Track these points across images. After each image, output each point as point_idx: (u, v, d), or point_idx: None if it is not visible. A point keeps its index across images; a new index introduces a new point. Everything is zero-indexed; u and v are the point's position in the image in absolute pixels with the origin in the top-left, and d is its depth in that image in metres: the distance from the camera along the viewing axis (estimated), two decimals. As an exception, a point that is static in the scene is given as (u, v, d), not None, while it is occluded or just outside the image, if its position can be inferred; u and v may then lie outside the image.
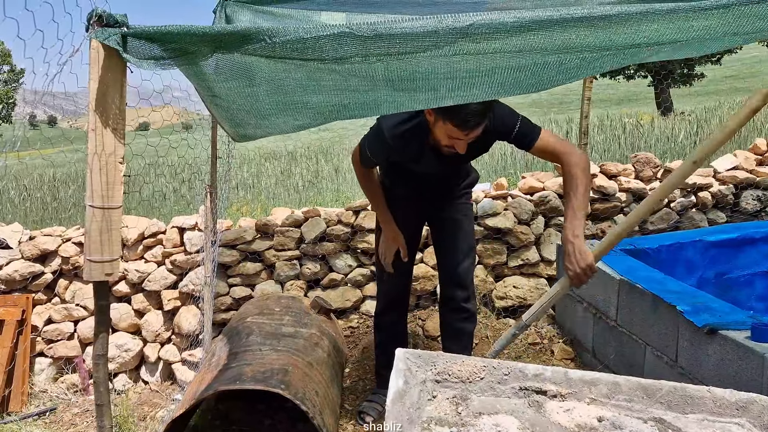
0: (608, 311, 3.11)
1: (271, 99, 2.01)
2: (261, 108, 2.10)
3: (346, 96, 1.90)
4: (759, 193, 4.24)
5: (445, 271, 2.94)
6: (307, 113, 2.10)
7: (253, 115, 2.36)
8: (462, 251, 2.88)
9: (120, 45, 1.50)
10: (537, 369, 1.82)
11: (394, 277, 2.93)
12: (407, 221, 2.89)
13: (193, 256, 3.70)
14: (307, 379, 2.62)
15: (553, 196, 4.04)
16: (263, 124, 2.32)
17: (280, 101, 2.01)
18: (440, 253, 2.98)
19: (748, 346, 2.11)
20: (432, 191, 2.84)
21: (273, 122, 2.35)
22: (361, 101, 1.94)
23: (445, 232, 2.92)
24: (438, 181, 2.80)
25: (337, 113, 2.10)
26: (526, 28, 1.41)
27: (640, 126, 8.80)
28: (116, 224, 1.64)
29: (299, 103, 2.00)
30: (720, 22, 1.52)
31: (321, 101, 1.97)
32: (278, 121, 2.32)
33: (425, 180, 2.78)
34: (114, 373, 3.72)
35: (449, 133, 2.27)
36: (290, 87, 1.84)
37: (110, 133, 1.59)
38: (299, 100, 1.97)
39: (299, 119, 2.21)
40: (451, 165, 2.70)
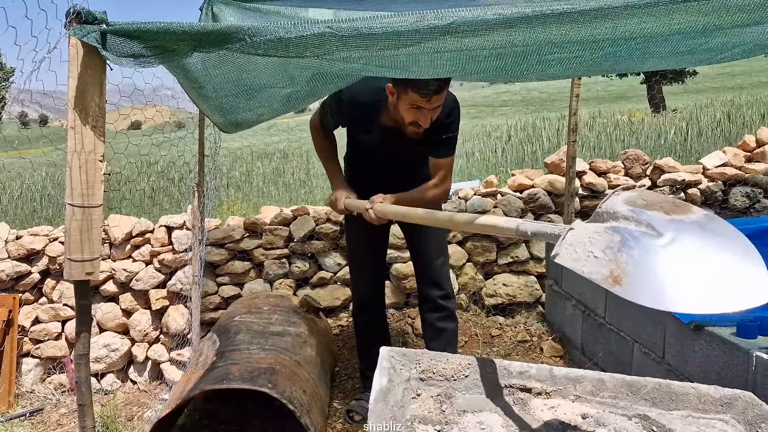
0: (597, 308, 3.11)
1: (257, 75, 2.01)
2: (250, 82, 2.10)
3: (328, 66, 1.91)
4: (748, 189, 4.25)
5: (419, 272, 2.96)
6: (292, 84, 2.11)
7: (242, 97, 2.36)
8: (433, 251, 2.89)
9: (99, 42, 1.48)
10: (522, 367, 1.82)
11: (365, 278, 2.96)
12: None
13: (182, 255, 3.68)
14: (295, 378, 2.61)
15: (542, 193, 4.04)
16: (253, 105, 2.32)
17: (265, 78, 2.02)
18: (413, 255, 3.02)
19: (733, 343, 2.12)
20: (392, 187, 2.77)
21: (262, 98, 2.35)
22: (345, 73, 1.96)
23: (414, 234, 2.94)
24: (398, 174, 2.78)
25: (323, 84, 2.11)
26: (507, 24, 1.40)
27: (631, 123, 8.82)
28: (96, 223, 1.63)
29: (286, 78, 2.01)
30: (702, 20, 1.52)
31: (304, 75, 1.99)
32: (266, 95, 2.33)
33: (385, 171, 2.77)
34: (102, 374, 3.70)
35: (412, 102, 2.29)
36: (275, 66, 1.85)
37: (90, 131, 1.57)
38: (285, 75, 1.97)
39: (287, 87, 2.22)
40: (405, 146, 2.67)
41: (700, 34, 1.81)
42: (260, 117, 2.89)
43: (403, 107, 2.35)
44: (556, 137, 8.18)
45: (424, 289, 2.94)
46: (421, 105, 2.29)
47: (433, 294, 2.90)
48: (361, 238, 2.97)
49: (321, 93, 2.60)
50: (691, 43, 2.03)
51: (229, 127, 3.01)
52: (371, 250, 3.00)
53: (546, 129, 9.23)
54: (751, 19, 1.55)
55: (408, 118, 2.37)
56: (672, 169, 4.25)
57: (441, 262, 2.92)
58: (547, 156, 4.45)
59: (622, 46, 1.85)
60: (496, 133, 9.45)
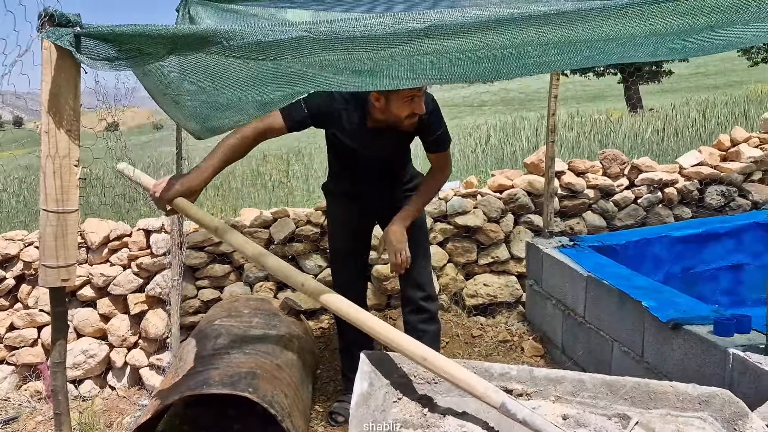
0: (576, 308, 3.14)
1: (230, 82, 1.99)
2: (222, 95, 2.08)
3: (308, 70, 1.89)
4: (723, 188, 4.32)
5: (403, 277, 2.94)
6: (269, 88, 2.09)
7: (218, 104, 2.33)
8: (415, 253, 2.84)
9: (73, 45, 1.45)
10: (503, 368, 1.82)
11: (346, 280, 2.96)
12: (349, 222, 2.92)
13: (160, 258, 3.64)
14: (276, 381, 2.59)
15: (522, 193, 4.06)
16: (228, 113, 2.30)
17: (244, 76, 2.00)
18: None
19: (711, 341, 2.15)
20: (377, 191, 2.83)
21: (239, 105, 2.33)
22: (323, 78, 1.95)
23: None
24: (378, 176, 2.80)
25: (302, 84, 2.10)
26: (485, 26, 1.40)
27: (609, 123, 8.91)
28: (72, 228, 1.60)
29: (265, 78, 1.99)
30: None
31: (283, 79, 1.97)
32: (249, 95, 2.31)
33: (369, 174, 2.78)
34: (80, 380, 3.64)
35: (405, 96, 2.36)
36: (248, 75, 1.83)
37: (64, 135, 1.54)
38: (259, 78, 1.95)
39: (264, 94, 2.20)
40: (389, 147, 2.73)
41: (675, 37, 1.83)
42: (237, 123, 2.85)
43: (396, 105, 2.41)
44: (535, 137, 8.24)
45: (406, 291, 2.94)
46: (414, 94, 2.36)
47: (415, 296, 2.90)
48: (342, 240, 2.97)
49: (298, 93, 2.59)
50: (669, 46, 2.05)
51: (205, 132, 2.97)
52: (353, 251, 3.00)
53: (525, 129, 9.29)
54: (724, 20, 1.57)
55: (404, 112, 2.42)
56: (649, 169, 4.30)
57: (423, 264, 2.92)
58: (527, 156, 4.48)
59: (600, 48, 1.86)
60: (476, 134, 9.50)
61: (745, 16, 1.56)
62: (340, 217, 2.95)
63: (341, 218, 2.94)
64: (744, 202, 4.34)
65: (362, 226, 3.01)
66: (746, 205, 4.32)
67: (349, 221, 2.92)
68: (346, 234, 2.95)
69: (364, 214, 2.95)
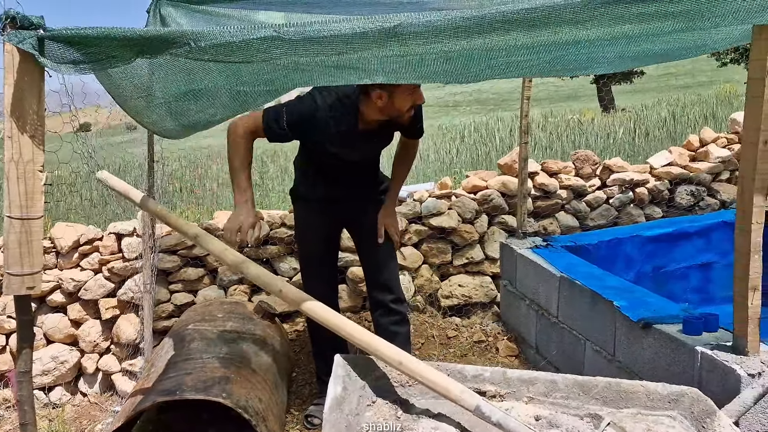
0: (550, 308, 3.16)
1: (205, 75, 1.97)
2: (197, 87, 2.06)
3: (278, 73, 1.89)
4: (692, 188, 4.39)
5: (370, 277, 2.98)
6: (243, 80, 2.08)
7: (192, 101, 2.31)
8: (383, 256, 2.91)
9: (36, 49, 1.42)
10: (476, 370, 1.83)
11: (318, 283, 2.94)
12: (323, 227, 2.91)
13: (132, 262, 3.59)
14: (250, 386, 2.57)
15: (496, 194, 4.09)
16: (203, 104, 2.28)
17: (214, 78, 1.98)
18: (363, 260, 3.04)
19: (680, 339, 2.18)
20: (346, 193, 2.84)
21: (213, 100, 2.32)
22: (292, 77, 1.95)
23: (364, 239, 2.95)
24: (352, 181, 2.82)
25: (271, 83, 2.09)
26: (453, 27, 1.41)
27: (581, 123, 9.01)
28: (37, 235, 1.57)
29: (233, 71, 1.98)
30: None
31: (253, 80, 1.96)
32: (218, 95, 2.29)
33: (348, 178, 2.80)
34: (50, 387, 3.57)
35: (409, 89, 2.43)
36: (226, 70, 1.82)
37: (28, 140, 1.51)
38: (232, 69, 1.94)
39: (239, 85, 2.19)
40: (376, 147, 2.81)
41: (641, 39, 1.86)
42: (213, 116, 2.82)
43: (399, 99, 2.46)
44: (509, 138, 8.30)
45: (375, 294, 2.96)
46: (415, 86, 2.45)
47: (385, 298, 2.91)
48: (315, 245, 2.96)
49: (277, 93, 2.58)
50: (636, 49, 2.08)
51: (182, 130, 2.94)
52: (325, 256, 2.99)
53: (499, 130, 9.35)
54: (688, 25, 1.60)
55: (406, 105, 2.49)
56: (621, 169, 4.35)
57: (391, 267, 2.94)
58: (501, 157, 4.51)
59: (569, 49, 1.88)
60: (450, 134, 9.53)
61: (709, 19, 1.59)
62: (313, 222, 2.93)
63: (314, 224, 2.92)
64: (713, 201, 4.42)
65: (334, 230, 3.01)
66: (715, 205, 4.40)
67: (322, 226, 2.91)
68: (319, 239, 2.94)
69: (338, 219, 2.95)
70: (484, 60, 1.88)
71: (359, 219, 2.91)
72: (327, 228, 2.93)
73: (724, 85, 12.41)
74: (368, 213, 2.89)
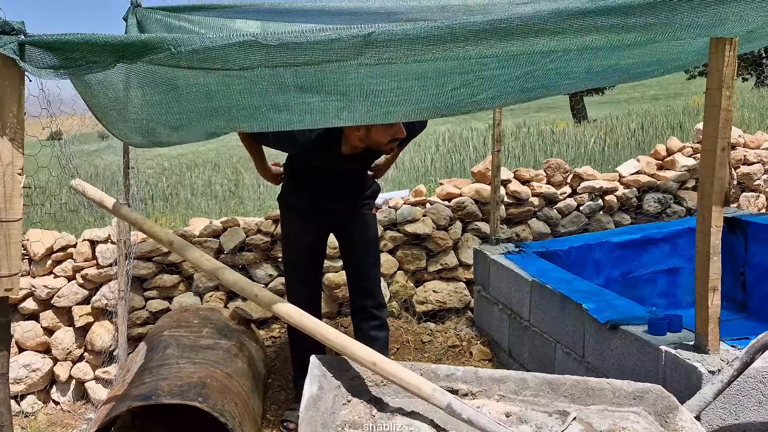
0: (522, 312, 3.23)
1: (180, 107, 1.99)
2: (171, 119, 2.08)
3: (256, 99, 1.91)
4: (660, 195, 4.51)
5: (353, 282, 3.04)
6: (217, 120, 2.10)
7: (164, 125, 2.31)
8: (367, 262, 2.98)
9: (17, 54, 1.45)
10: (449, 369, 1.88)
11: (301, 287, 3.00)
12: (308, 235, 2.96)
13: (106, 269, 3.58)
14: (226, 390, 2.59)
15: (469, 202, 4.16)
16: (174, 133, 2.29)
17: (190, 109, 2.00)
18: (347, 265, 3.09)
19: (645, 340, 2.25)
20: (335, 202, 2.89)
21: (185, 131, 2.32)
22: (271, 102, 1.97)
23: (349, 244, 3.01)
24: (341, 189, 2.87)
25: (249, 117, 2.11)
26: (426, 36, 1.46)
27: (553, 133, 9.16)
28: (15, 238, 1.58)
29: (209, 110, 2.00)
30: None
31: (231, 104, 1.98)
32: (191, 129, 2.30)
33: (329, 188, 2.84)
34: (22, 395, 3.54)
35: (385, 126, 2.44)
36: (198, 92, 1.84)
37: (8, 143, 1.53)
38: (209, 106, 1.96)
39: (211, 127, 2.20)
40: (363, 163, 2.84)
41: (608, 52, 1.94)
42: (183, 138, 2.82)
43: (376, 133, 2.48)
44: (482, 147, 8.40)
45: (357, 300, 3.01)
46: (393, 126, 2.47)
47: (366, 304, 2.97)
48: (300, 253, 3.00)
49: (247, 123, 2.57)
50: (604, 63, 2.16)
51: (149, 145, 2.94)
52: (311, 264, 3.03)
53: (473, 139, 9.46)
54: (650, 37, 1.68)
55: (385, 138, 2.50)
56: (591, 177, 4.46)
57: (375, 273, 3.01)
58: (475, 165, 4.58)
59: (538, 62, 1.95)
60: (425, 143, 9.61)
61: (668, 32, 1.67)
62: (299, 230, 2.96)
63: (300, 232, 2.96)
64: (679, 208, 4.54)
65: (320, 238, 3.05)
66: (681, 212, 4.53)
67: (308, 234, 2.95)
68: (304, 247, 2.98)
69: (325, 226, 3.00)
70: (458, 76, 1.93)
71: (346, 226, 2.97)
72: (313, 236, 2.98)
73: (692, 98, 12.71)
74: (355, 220, 2.95)
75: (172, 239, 2.13)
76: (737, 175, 4.77)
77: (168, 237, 2.15)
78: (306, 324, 1.89)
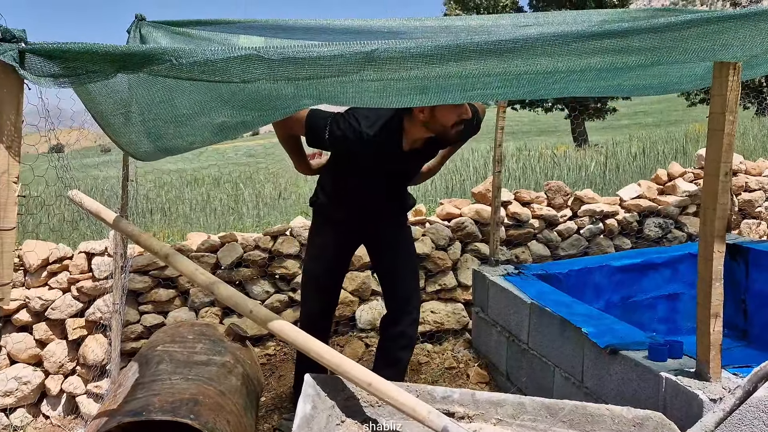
0: (520, 334, 3.19)
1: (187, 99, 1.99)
2: (178, 112, 2.08)
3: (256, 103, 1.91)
4: (660, 220, 4.50)
5: (390, 295, 2.91)
6: (225, 111, 2.09)
7: (172, 124, 2.31)
8: (408, 272, 2.86)
9: (17, 61, 1.44)
10: (445, 392, 1.85)
11: (316, 301, 2.89)
12: (339, 244, 2.87)
13: (102, 282, 3.55)
14: (218, 408, 2.54)
15: (469, 222, 4.14)
16: (183, 132, 2.29)
17: (196, 101, 2.00)
18: (385, 277, 2.95)
19: (645, 365, 2.22)
20: (372, 213, 2.80)
21: (194, 126, 2.33)
22: (272, 106, 1.96)
23: (387, 257, 2.89)
24: (380, 198, 2.77)
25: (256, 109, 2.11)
26: (429, 54, 1.46)
27: (554, 156, 9.19)
28: (8, 247, 1.56)
29: (216, 102, 2.00)
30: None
31: (231, 110, 1.98)
32: (197, 123, 2.30)
33: (369, 197, 2.74)
34: (11, 408, 3.49)
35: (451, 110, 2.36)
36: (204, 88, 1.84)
37: (4, 151, 1.51)
38: (216, 97, 1.96)
39: (219, 117, 2.20)
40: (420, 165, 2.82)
41: (610, 73, 1.93)
42: (191, 144, 2.83)
43: (442, 113, 2.37)
44: (483, 168, 8.42)
45: (393, 315, 2.88)
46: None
47: (404, 320, 2.84)
48: (324, 258, 2.88)
49: (256, 124, 2.58)
50: (606, 83, 2.16)
51: (155, 153, 2.94)
52: (332, 268, 2.92)
53: (474, 160, 9.49)
54: (652, 60, 1.67)
55: (451, 119, 2.39)
56: (591, 201, 4.45)
57: (414, 286, 2.91)
58: (475, 185, 4.58)
59: (540, 82, 1.95)
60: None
61: (672, 56, 1.67)
62: (329, 240, 2.85)
63: (330, 241, 2.85)
64: (680, 234, 4.53)
65: (349, 249, 2.97)
66: (682, 237, 4.51)
67: (338, 243, 2.86)
68: (330, 257, 2.87)
69: (357, 238, 2.92)
70: (460, 92, 1.93)
71: (378, 239, 2.88)
72: (341, 246, 2.89)
73: (693, 125, 12.77)
74: (386, 234, 2.87)
75: (168, 252, 2.11)
76: (738, 202, 4.76)
77: (164, 250, 2.13)
78: (300, 341, 1.86)
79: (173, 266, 2.10)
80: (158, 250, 2.13)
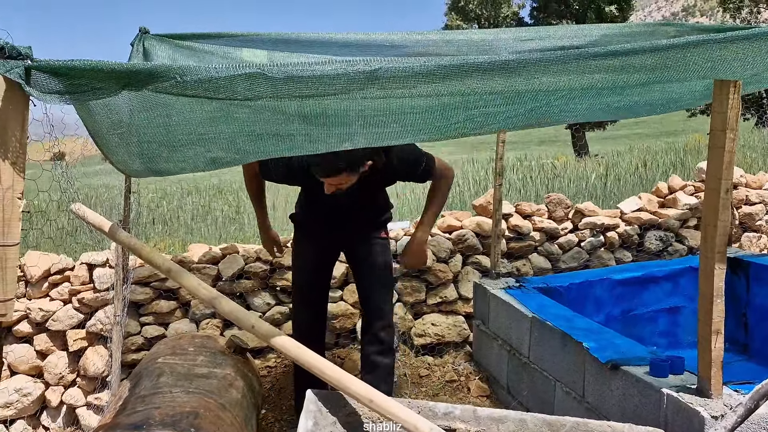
0: (521, 348, 3.19)
1: (183, 129, 1.99)
2: (173, 139, 2.07)
3: (258, 127, 1.91)
4: (661, 233, 4.50)
5: (363, 305, 3.05)
6: (220, 143, 2.10)
7: (165, 147, 2.31)
8: (378, 284, 2.97)
9: (23, 78, 1.45)
10: (447, 408, 1.85)
11: (306, 312, 3.01)
12: (317, 257, 3.00)
13: (103, 294, 3.55)
14: (219, 421, 2.54)
15: (470, 234, 4.14)
16: (175, 157, 2.29)
17: (192, 131, 2.00)
18: (359, 288, 3.08)
19: (647, 381, 2.22)
20: (345, 226, 2.90)
21: (185, 155, 2.32)
22: (273, 131, 1.97)
23: (361, 268, 3.01)
24: (347, 214, 2.87)
25: (252, 144, 2.11)
26: (432, 73, 1.47)
27: (555, 167, 9.20)
28: (12, 262, 1.56)
29: (211, 134, 2.00)
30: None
31: (234, 131, 1.98)
32: (190, 153, 2.29)
33: (339, 213, 2.85)
34: (11, 420, 3.48)
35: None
36: (202, 118, 1.84)
37: (9, 167, 1.52)
38: (212, 130, 1.96)
39: (213, 151, 2.20)
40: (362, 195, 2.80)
41: (611, 91, 1.95)
42: (182, 169, 2.81)
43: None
44: (484, 180, 8.43)
45: (366, 322, 3.02)
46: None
47: (375, 325, 2.96)
48: (303, 271, 3.02)
49: (248, 158, 2.57)
50: (607, 101, 2.17)
51: (146, 173, 2.92)
52: (312, 283, 3.04)
53: (474, 172, 9.51)
54: (653, 78, 1.68)
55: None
56: (592, 213, 4.45)
57: (384, 295, 3.01)
58: (476, 198, 4.58)
59: (542, 100, 1.96)
60: (427, 174, 9.66)
61: (673, 74, 1.68)
62: (307, 251, 3.01)
63: (308, 252, 3.01)
64: (681, 247, 4.52)
65: (328, 260, 3.09)
66: (683, 250, 4.51)
67: (315, 255, 3.00)
68: (310, 268, 3.01)
69: (333, 250, 3.06)
70: (462, 111, 1.94)
71: (353, 251, 3.01)
72: (320, 257, 3.01)
73: (693, 135, 12.78)
74: (360, 246, 2.96)
75: (170, 267, 2.12)
76: (739, 215, 4.77)
77: (166, 264, 2.14)
78: (302, 357, 1.87)
79: (176, 281, 2.11)
80: (161, 264, 2.14)
